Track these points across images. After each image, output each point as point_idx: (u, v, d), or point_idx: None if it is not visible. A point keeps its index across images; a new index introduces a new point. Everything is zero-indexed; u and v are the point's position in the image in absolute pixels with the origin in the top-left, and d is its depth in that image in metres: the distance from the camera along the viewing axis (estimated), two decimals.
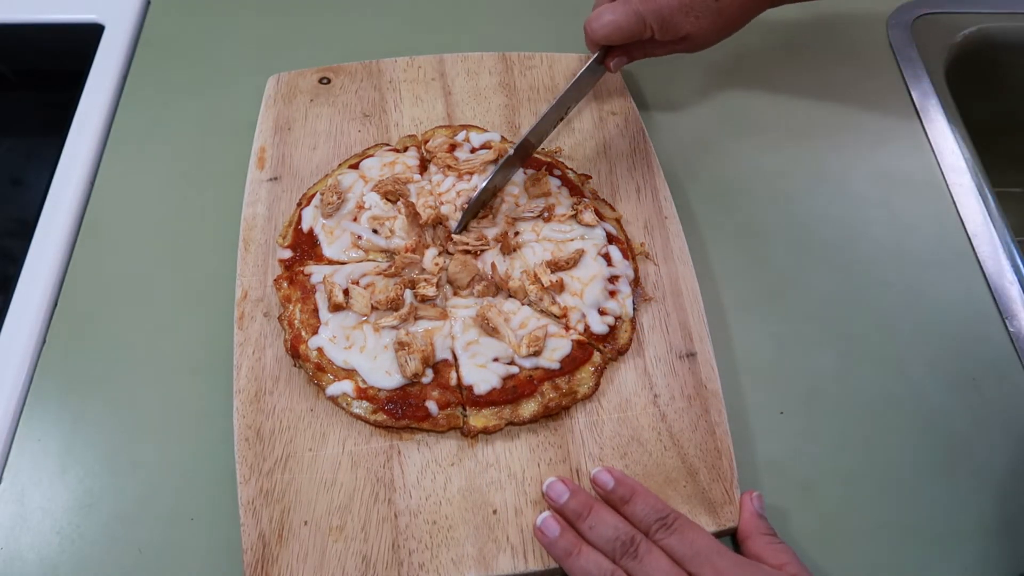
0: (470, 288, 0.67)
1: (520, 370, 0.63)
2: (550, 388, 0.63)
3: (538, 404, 0.62)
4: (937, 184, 0.82)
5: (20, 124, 1.00)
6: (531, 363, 0.63)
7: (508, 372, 0.63)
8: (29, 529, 0.61)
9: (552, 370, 0.63)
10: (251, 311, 0.68)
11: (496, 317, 0.64)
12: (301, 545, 0.57)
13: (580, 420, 0.63)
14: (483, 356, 0.63)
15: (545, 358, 0.63)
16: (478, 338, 0.64)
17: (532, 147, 0.73)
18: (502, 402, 0.62)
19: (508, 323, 0.65)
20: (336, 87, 0.83)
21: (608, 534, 0.55)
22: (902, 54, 0.92)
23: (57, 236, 0.75)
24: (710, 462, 0.61)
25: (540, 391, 0.62)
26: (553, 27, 0.94)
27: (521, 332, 0.65)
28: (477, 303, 0.66)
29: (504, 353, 0.63)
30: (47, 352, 0.69)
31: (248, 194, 0.75)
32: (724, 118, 0.87)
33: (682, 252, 0.72)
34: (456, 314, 0.66)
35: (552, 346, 0.64)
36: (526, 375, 0.63)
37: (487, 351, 0.64)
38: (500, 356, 0.63)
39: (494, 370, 0.63)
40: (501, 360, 0.63)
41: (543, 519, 0.57)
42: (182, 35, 0.93)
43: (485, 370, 0.63)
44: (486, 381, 0.62)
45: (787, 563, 0.54)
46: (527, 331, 0.65)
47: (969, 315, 0.73)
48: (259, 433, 0.62)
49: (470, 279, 0.67)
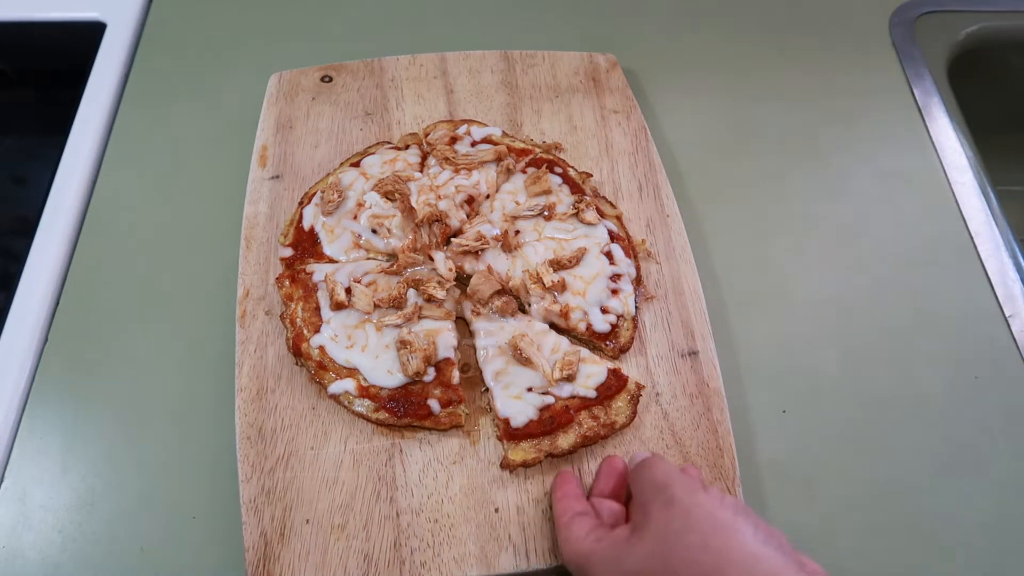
0: (490, 304, 0.66)
1: (556, 400, 0.62)
2: (587, 417, 0.62)
3: (576, 435, 0.61)
4: (939, 182, 0.81)
5: (22, 122, 1.00)
6: (567, 391, 0.62)
7: (544, 403, 0.62)
8: (31, 528, 0.61)
9: (588, 399, 0.62)
10: (253, 309, 0.68)
11: (528, 347, 0.63)
12: (303, 543, 0.57)
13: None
14: (517, 386, 0.62)
15: (580, 385, 0.63)
16: (506, 367, 0.63)
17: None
18: (540, 434, 0.61)
19: (540, 351, 0.64)
20: (338, 85, 0.83)
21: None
22: (904, 52, 0.92)
23: (59, 234, 0.75)
24: (712, 460, 0.61)
25: (578, 420, 0.62)
26: (555, 25, 0.94)
27: (554, 357, 0.64)
28: (504, 325, 0.65)
29: (538, 382, 0.62)
30: (49, 350, 0.69)
31: (250, 192, 0.75)
32: (726, 116, 0.86)
33: (684, 250, 0.72)
34: (483, 340, 0.65)
35: (586, 372, 0.63)
36: (562, 405, 0.62)
37: (520, 380, 0.62)
38: (534, 386, 0.62)
39: (530, 401, 0.62)
40: (536, 390, 0.62)
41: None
42: (184, 33, 0.93)
43: (520, 402, 0.61)
44: (523, 413, 0.61)
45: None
46: (559, 356, 0.64)
47: (971, 314, 0.73)
48: (261, 431, 0.62)
49: (491, 293, 0.66)
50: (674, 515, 0.49)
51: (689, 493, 0.50)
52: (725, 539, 0.47)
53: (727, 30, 0.94)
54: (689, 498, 0.49)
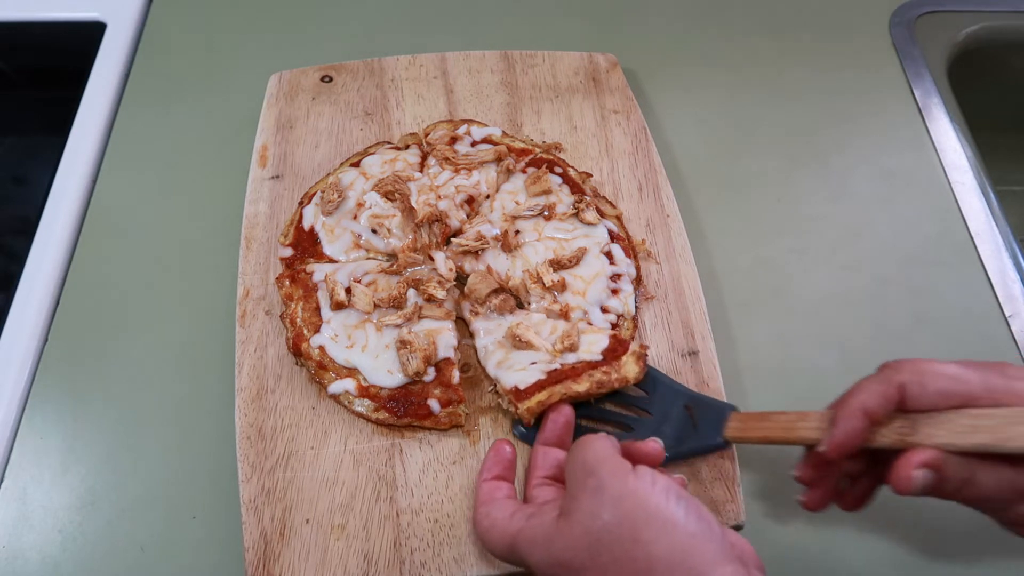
0: (487, 303, 0.66)
1: (561, 366, 0.61)
2: (598, 372, 0.61)
3: (590, 382, 0.60)
4: (939, 182, 0.81)
5: (22, 122, 1.00)
6: (572, 359, 0.62)
7: (550, 368, 0.61)
8: (31, 527, 0.61)
9: (595, 361, 0.62)
10: (253, 309, 0.68)
11: (526, 332, 0.63)
12: (303, 543, 0.57)
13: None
14: (520, 363, 0.62)
15: (584, 351, 0.62)
16: (507, 355, 0.63)
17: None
18: (551, 384, 0.60)
19: (539, 335, 0.63)
20: (338, 85, 0.83)
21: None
22: (904, 52, 0.92)
23: (59, 234, 0.75)
24: (712, 460, 0.61)
25: (588, 373, 0.61)
26: (555, 25, 0.94)
27: (553, 336, 0.63)
28: (501, 321, 0.65)
29: (541, 357, 0.62)
30: (49, 350, 0.69)
31: (250, 192, 0.75)
32: (726, 116, 0.87)
33: (684, 250, 0.72)
34: (483, 340, 0.64)
35: (589, 340, 0.63)
36: (569, 366, 0.61)
37: (522, 359, 0.62)
38: (537, 360, 0.62)
39: (535, 369, 0.61)
40: (540, 363, 0.62)
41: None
42: (184, 33, 0.93)
43: (525, 372, 0.61)
44: (530, 377, 0.60)
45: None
46: (558, 334, 0.63)
47: (971, 314, 0.73)
48: (261, 431, 0.62)
49: (489, 292, 0.66)
50: (603, 504, 0.47)
51: (619, 479, 0.47)
52: (655, 531, 0.45)
53: (727, 30, 0.94)
54: (619, 485, 0.47)
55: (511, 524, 0.51)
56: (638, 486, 0.47)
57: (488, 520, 0.53)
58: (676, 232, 0.73)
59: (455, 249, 0.69)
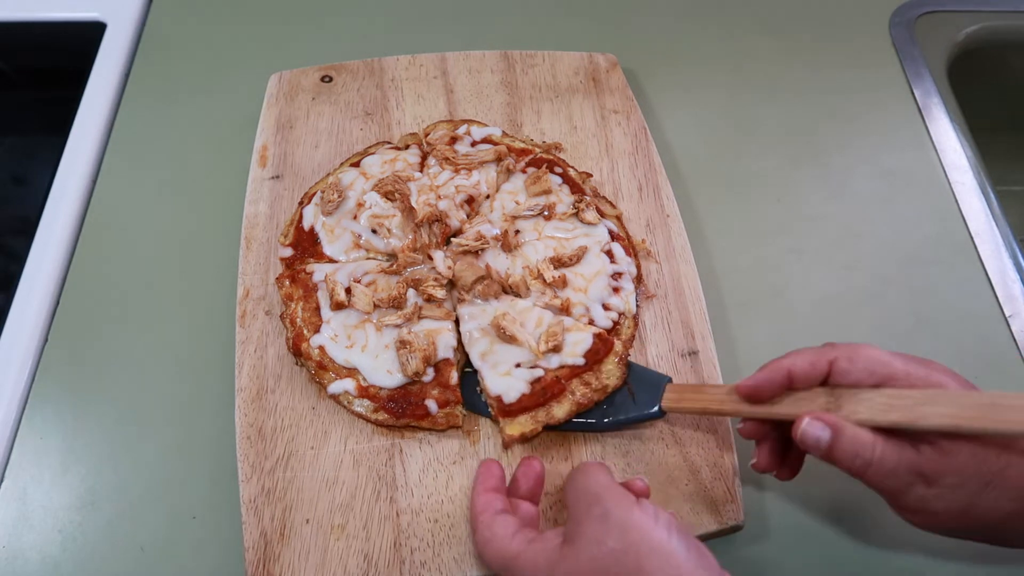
0: (473, 289, 0.66)
1: (545, 372, 0.62)
2: (579, 384, 0.62)
3: (570, 403, 0.61)
4: (939, 182, 0.81)
5: (22, 122, 1.00)
6: (555, 362, 0.62)
7: (533, 376, 0.62)
8: (31, 527, 0.61)
9: (577, 366, 0.62)
10: (253, 309, 0.68)
11: (511, 325, 0.63)
12: (303, 543, 0.57)
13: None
14: (504, 364, 0.62)
15: (568, 354, 0.62)
16: (492, 347, 0.63)
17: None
18: (534, 406, 0.61)
19: (524, 327, 0.64)
20: (338, 85, 0.83)
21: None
22: (904, 52, 0.92)
23: (59, 234, 0.75)
24: (712, 460, 0.61)
25: (570, 389, 0.62)
26: (555, 25, 0.94)
27: (538, 331, 0.64)
28: (486, 307, 0.65)
29: (525, 357, 0.62)
30: (49, 350, 0.69)
31: (250, 192, 0.75)
32: (726, 116, 0.87)
33: (684, 250, 0.72)
34: (468, 324, 0.65)
35: (572, 341, 0.63)
36: (552, 376, 0.62)
37: (507, 358, 0.62)
38: (522, 361, 0.62)
39: (519, 376, 0.61)
40: (524, 365, 0.62)
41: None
42: (184, 33, 0.93)
43: (510, 378, 0.62)
44: (514, 388, 0.61)
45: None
46: (543, 329, 0.64)
47: (971, 314, 0.73)
48: (261, 431, 0.62)
49: (475, 279, 0.66)
50: (609, 532, 0.48)
51: (624, 509, 0.49)
52: (657, 564, 0.46)
53: (727, 30, 0.94)
54: (624, 515, 0.48)
55: (511, 544, 0.51)
56: (643, 519, 0.48)
57: (489, 532, 0.53)
58: (676, 232, 0.73)
59: (455, 249, 0.69)
